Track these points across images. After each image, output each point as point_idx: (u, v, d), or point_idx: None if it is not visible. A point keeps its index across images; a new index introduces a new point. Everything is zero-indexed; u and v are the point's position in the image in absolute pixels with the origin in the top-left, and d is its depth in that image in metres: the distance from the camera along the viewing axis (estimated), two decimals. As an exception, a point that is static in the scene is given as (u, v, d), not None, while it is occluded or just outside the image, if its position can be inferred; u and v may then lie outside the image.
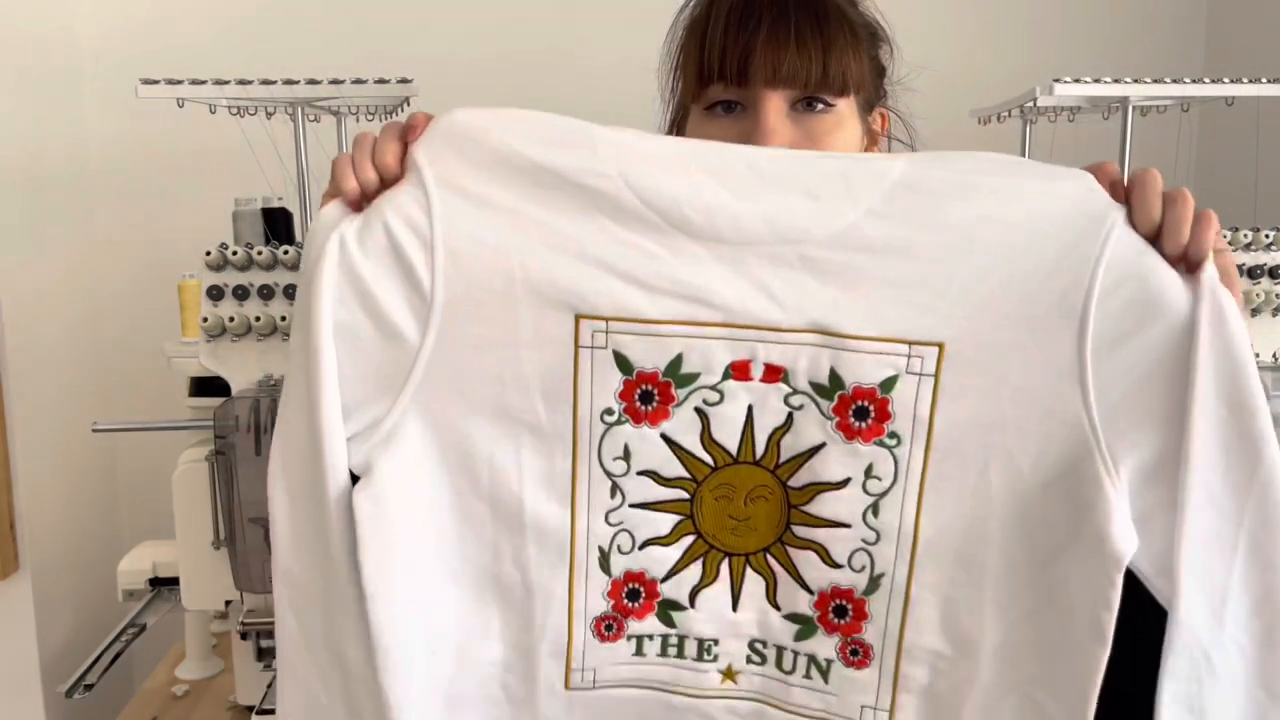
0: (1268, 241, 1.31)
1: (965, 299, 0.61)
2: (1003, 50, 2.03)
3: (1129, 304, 0.60)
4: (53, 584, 1.69)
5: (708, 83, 0.76)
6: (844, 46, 0.74)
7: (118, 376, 1.95)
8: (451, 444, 0.65)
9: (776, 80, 0.73)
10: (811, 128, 0.75)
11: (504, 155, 0.62)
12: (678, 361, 0.64)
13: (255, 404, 1.13)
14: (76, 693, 1.24)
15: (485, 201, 0.62)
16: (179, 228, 1.91)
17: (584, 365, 0.63)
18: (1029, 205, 0.61)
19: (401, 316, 0.62)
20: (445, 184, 0.62)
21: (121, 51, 1.89)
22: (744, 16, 0.74)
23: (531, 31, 1.99)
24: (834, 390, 0.64)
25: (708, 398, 0.65)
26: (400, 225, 0.62)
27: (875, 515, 0.65)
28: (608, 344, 0.63)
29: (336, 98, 1.38)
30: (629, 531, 0.67)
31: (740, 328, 0.63)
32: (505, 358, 0.63)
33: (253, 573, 1.17)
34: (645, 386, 0.64)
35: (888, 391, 0.63)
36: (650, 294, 0.62)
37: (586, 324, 0.62)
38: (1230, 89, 1.44)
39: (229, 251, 1.18)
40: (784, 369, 0.63)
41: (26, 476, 1.47)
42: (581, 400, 0.64)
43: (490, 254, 0.62)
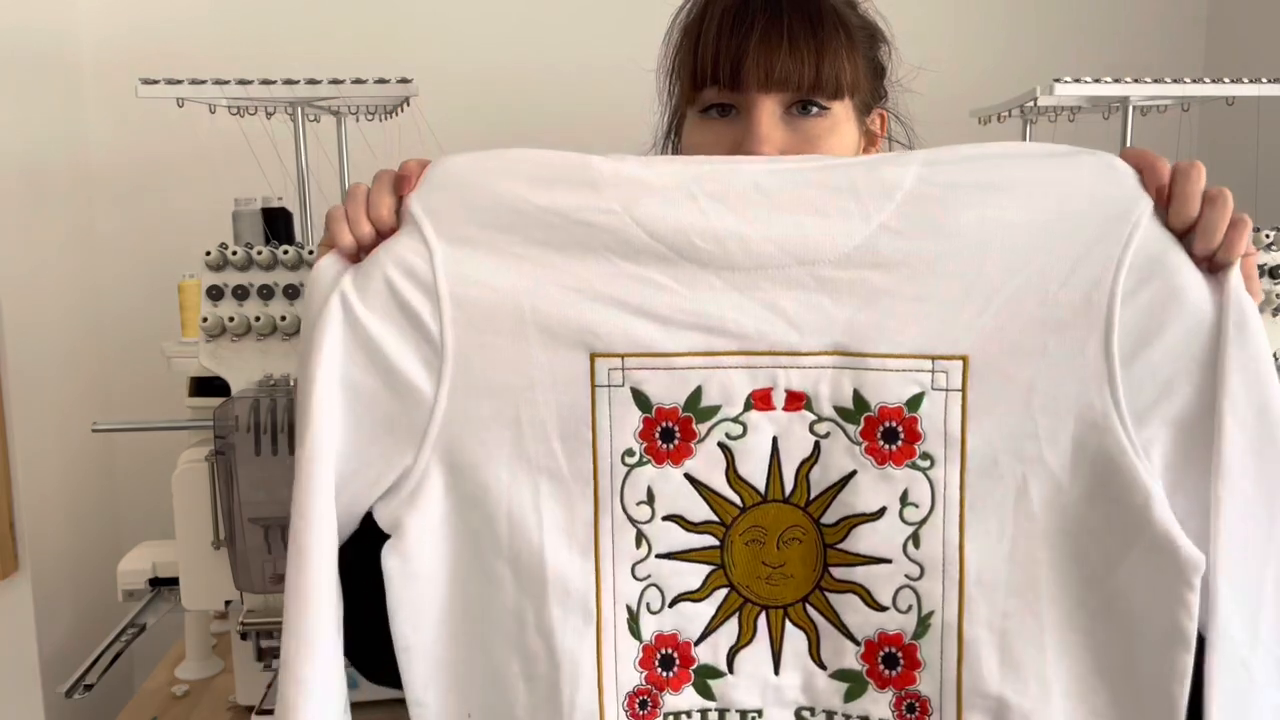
0: (1268, 241, 1.30)
1: (986, 308, 0.60)
2: (1003, 50, 2.03)
3: (1153, 304, 0.59)
4: (53, 584, 1.69)
5: (701, 86, 0.76)
6: (838, 49, 0.74)
7: (118, 376, 1.95)
8: (471, 497, 0.63)
9: (769, 84, 0.73)
10: (806, 131, 0.75)
11: (503, 200, 0.61)
12: (697, 394, 0.62)
13: (255, 404, 1.13)
14: (76, 693, 1.24)
15: (488, 246, 0.61)
16: (179, 228, 1.91)
17: (601, 405, 0.62)
18: (1047, 203, 0.60)
19: (413, 369, 0.62)
20: (445, 233, 0.62)
21: (121, 51, 1.89)
22: (737, 19, 0.74)
23: (531, 31, 1.99)
24: (859, 413, 0.62)
25: (730, 431, 0.63)
26: (402, 277, 0.61)
27: (916, 546, 0.62)
28: (624, 381, 0.62)
29: (336, 98, 1.38)
30: (658, 586, 0.64)
31: (759, 354, 0.61)
32: (520, 401, 0.62)
33: (253, 573, 1.17)
34: (666, 424, 0.63)
35: (915, 410, 0.61)
36: (665, 327, 0.61)
37: (602, 362, 0.61)
38: (1230, 89, 1.44)
39: (229, 251, 1.18)
40: (806, 395, 0.62)
41: (26, 476, 1.47)
42: (601, 442, 0.62)
43: (498, 298, 0.61)
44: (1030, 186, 0.60)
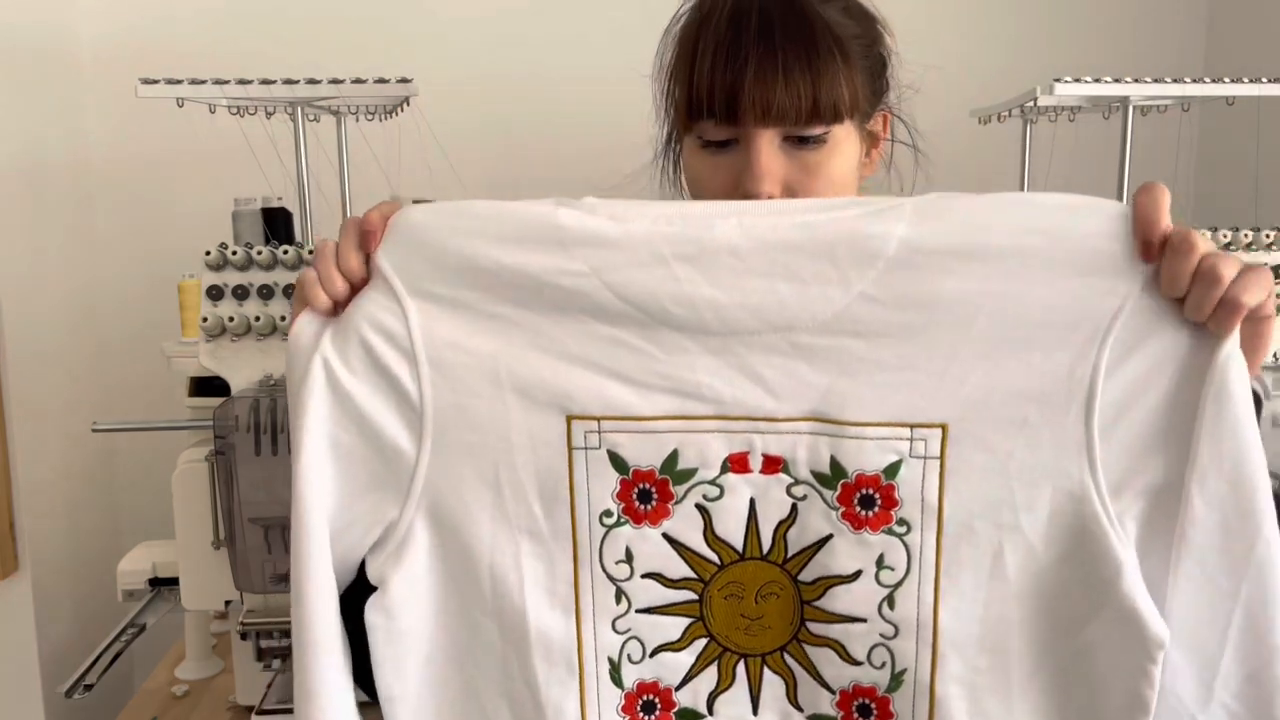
0: (1268, 241, 1.30)
1: (968, 377, 0.59)
2: (1003, 50, 2.03)
3: (1136, 378, 0.58)
4: (53, 584, 1.69)
5: (698, 118, 0.75)
6: (835, 73, 0.73)
7: (118, 376, 1.95)
8: (454, 554, 0.64)
9: (767, 118, 0.72)
10: (805, 160, 0.75)
11: (471, 259, 0.60)
12: (674, 458, 0.62)
13: (255, 404, 1.13)
14: (76, 693, 1.24)
15: (460, 305, 0.61)
16: (179, 228, 1.91)
17: (579, 467, 0.62)
18: (1034, 274, 0.58)
19: (395, 430, 0.62)
20: (416, 291, 0.61)
21: (121, 51, 1.89)
22: (731, 52, 0.72)
23: (532, 31, 1.99)
24: (836, 479, 0.62)
25: (707, 493, 0.63)
26: (379, 339, 0.61)
27: (891, 607, 0.62)
28: (601, 444, 0.62)
29: (336, 98, 1.38)
30: (638, 639, 0.65)
31: (735, 419, 0.61)
32: (500, 463, 0.62)
33: (253, 573, 1.17)
34: (643, 485, 0.63)
35: (892, 477, 0.61)
36: (640, 390, 0.61)
37: (578, 424, 0.61)
38: (1230, 89, 1.44)
39: (229, 251, 1.18)
40: (783, 459, 0.62)
41: (26, 476, 1.47)
42: (579, 503, 0.63)
43: (474, 360, 0.61)
44: (1018, 257, 0.58)
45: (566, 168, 1.98)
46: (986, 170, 1.88)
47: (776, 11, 0.73)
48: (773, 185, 0.74)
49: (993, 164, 1.83)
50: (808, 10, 0.73)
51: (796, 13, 0.73)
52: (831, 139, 0.75)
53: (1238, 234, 1.30)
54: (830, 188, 0.76)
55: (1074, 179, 1.78)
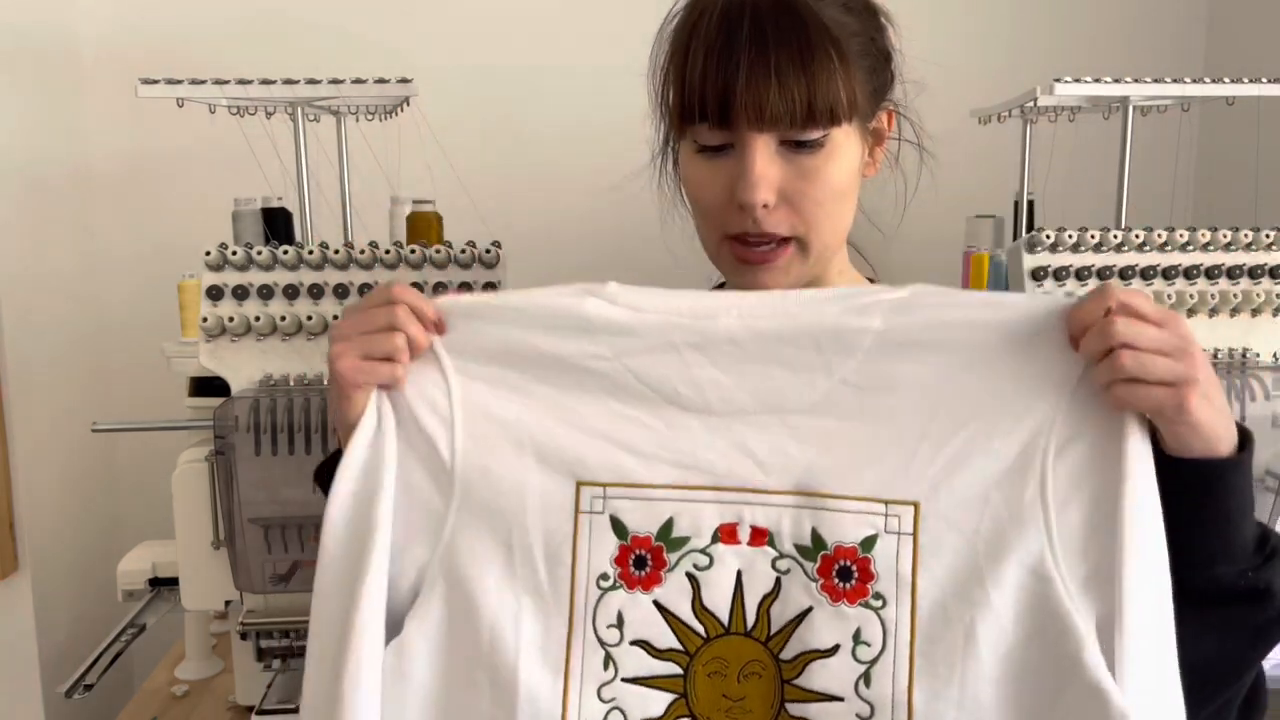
0: (1268, 241, 1.30)
1: (935, 458, 0.65)
2: (1003, 50, 2.03)
3: (1080, 460, 0.64)
4: (53, 584, 1.69)
5: (691, 122, 0.74)
6: (831, 74, 0.71)
7: (118, 376, 1.95)
8: (462, 608, 0.68)
9: (760, 123, 0.71)
10: (802, 165, 0.73)
11: (508, 344, 0.69)
12: (669, 525, 0.67)
13: (255, 404, 1.13)
14: (76, 693, 1.24)
15: (496, 381, 0.69)
16: (179, 228, 1.91)
17: (583, 530, 0.68)
18: (994, 365, 0.65)
19: (428, 488, 0.69)
20: (461, 369, 0.70)
21: (121, 51, 1.89)
22: (722, 56, 0.71)
23: (532, 30, 1.99)
24: (817, 550, 0.66)
25: (698, 562, 0.67)
26: (426, 410, 0.69)
27: (867, 685, 0.65)
28: (605, 509, 0.68)
29: (336, 98, 1.38)
30: (621, 710, 0.67)
31: (727, 490, 0.67)
32: (514, 524, 0.68)
33: (252, 573, 1.17)
34: (639, 551, 0.68)
35: (868, 550, 0.65)
36: (646, 461, 0.68)
37: (586, 490, 0.68)
38: (1230, 89, 1.44)
39: (229, 251, 1.18)
40: (769, 531, 0.67)
41: (26, 476, 1.47)
42: (579, 564, 0.68)
43: (502, 428, 0.69)
44: (976, 350, 0.66)
45: (567, 167, 1.99)
46: (986, 170, 1.88)
47: (769, 12, 0.71)
48: (768, 192, 0.73)
49: (993, 164, 1.83)
50: (802, 9, 0.71)
51: (791, 12, 0.71)
52: (830, 143, 0.73)
53: (1238, 234, 1.30)
54: (829, 193, 0.75)
55: (1074, 179, 1.79)
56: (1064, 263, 1.28)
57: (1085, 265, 1.28)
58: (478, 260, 1.21)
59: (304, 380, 1.17)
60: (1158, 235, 1.29)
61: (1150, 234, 1.29)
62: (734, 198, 0.74)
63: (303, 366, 1.17)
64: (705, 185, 0.76)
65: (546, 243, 1.97)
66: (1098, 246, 1.29)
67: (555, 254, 1.97)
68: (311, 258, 1.18)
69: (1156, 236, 1.29)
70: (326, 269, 1.19)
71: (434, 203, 1.48)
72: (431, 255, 1.20)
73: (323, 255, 1.19)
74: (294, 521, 1.15)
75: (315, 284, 1.18)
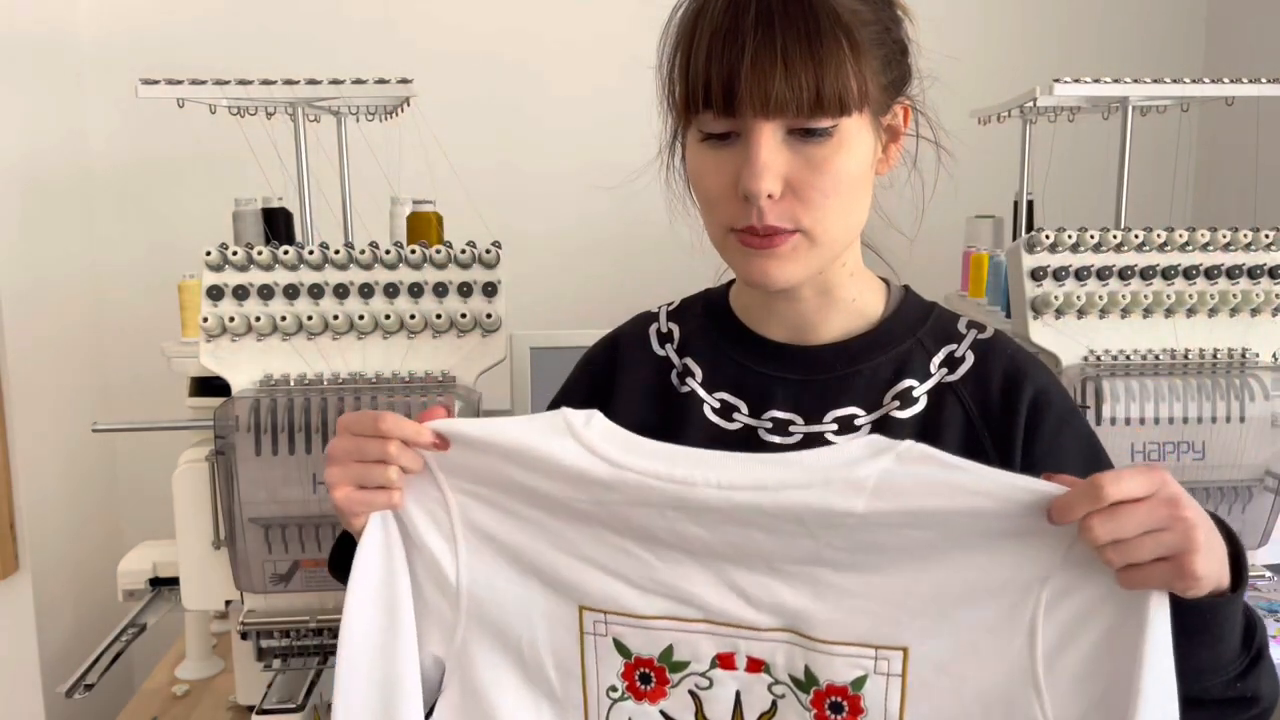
0: (1268, 241, 1.30)
1: (924, 611, 0.66)
2: (1003, 50, 2.03)
3: (1071, 619, 0.64)
4: (53, 584, 1.69)
5: (696, 111, 0.72)
6: (841, 62, 0.69)
7: (118, 376, 1.95)
8: (480, 713, 0.73)
9: (766, 110, 0.69)
10: (810, 155, 0.71)
11: (504, 476, 0.70)
12: (669, 651, 0.70)
13: (255, 404, 1.13)
14: (76, 693, 1.24)
15: (494, 503, 0.71)
16: (179, 228, 1.91)
17: (589, 649, 0.71)
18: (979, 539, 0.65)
19: (437, 598, 0.73)
20: (457, 487, 0.72)
21: (121, 51, 1.89)
22: (727, 40, 0.69)
23: (531, 29, 1.99)
24: (809, 685, 0.69)
25: (699, 683, 0.71)
26: (428, 526, 0.72)
27: None
28: (608, 632, 0.71)
29: (336, 98, 1.38)
30: None
31: (721, 624, 0.69)
32: (523, 637, 0.72)
33: (252, 573, 1.17)
34: (643, 670, 0.71)
35: (858, 690, 0.67)
36: (641, 593, 0.70)
37: (589, 615, 0.71)
38: (1230, 89, 1.44)
39: (229, 251, 1.18)
40: (764, 661, 0.69)
41: (26, 476, 1.47)
42: (589, 677, 0.72)
43: (504, 548, 0.72)
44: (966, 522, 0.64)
45: (567, 167, 1.99)
46: (986, 170, 1.88)
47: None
48: (772, 182, 0.71)
49: (993, 164, 1.83)
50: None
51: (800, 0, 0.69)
52: (839, 133, 0.71)
53: (1237, 234, 1.30)
54: (837, 185, 0.72)
55: (1074, 179, 1.79)
56: (1064, 263, 1.28)
57: (1085, 265, 1.28)
58: (478, 260, 1.21)
59: (304, 380, 1.17)
60: (1157, 235, 1.29)
61: (1150, 234, 1.29)
62: (738, 188, 0.72)
63: (303, 366, 1.17)
64: (709, 175, 0.75)
65: (546, 243, 1.97)
66: (1097, 246, 1.29)
67: (555, 254, 1.98)
68: (312, 258, 1.18)
69: (1156, 236, 1.29)
70: (327, 269, 1.19)
71: (434, 203, 1.48)
72: (431, 255, 1.20)
73: (323, 255, 1.19)
74: (294, 521, 1.15)
75: (315, 284, 1.18)
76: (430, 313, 1.18)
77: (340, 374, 1.18)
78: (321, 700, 1.28)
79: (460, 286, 1.20)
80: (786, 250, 0.74)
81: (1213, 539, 0.63)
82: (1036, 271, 1.28)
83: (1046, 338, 1.27)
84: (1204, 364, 1.29)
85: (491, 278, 1.21)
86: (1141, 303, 1.28)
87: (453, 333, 1.19)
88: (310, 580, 1.18)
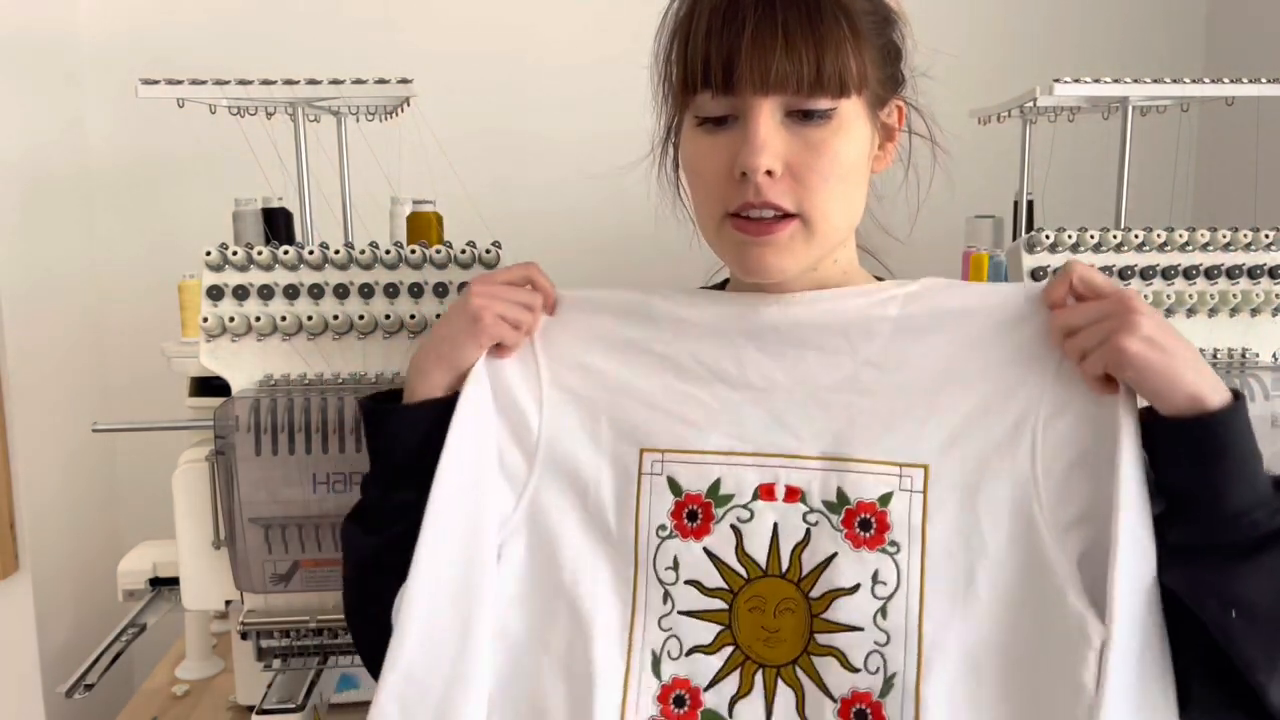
0: (1267, 241, 1.30)
1: (942, 428, 0.76)
2: (1003, 50, 2.03)
3: (1066, 430, 0.74)
4: (53, 584, 1.69)
5: (693, 91, 0.72)
6: (841, 41, 0.69)
7: (118, 376, 1.95)
8: (546, 552, 0.81)
9: (765, 86, 0.69)
10: (809, 137, 0.71)
11: (594, 330, 0.83)
12: (716, 485, 0.78)
13: (255, 404, 1.13)
14: (76, 693, 1.24)
15: (579, 363, 0.83)
16: (179, 228, 1.91)
17: (644, 488, 0.79)
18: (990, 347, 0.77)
19: (514, 451, 0.83)
20: (550, 354, 0.84)
21: (121, 51, 1.89)
22: (727, 17, 0.69)
23: (532, 28, 1.99)
24: (841, 506, 0.76)
25: (740, 515, 0.78)
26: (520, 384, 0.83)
27: (884, 617, 0.75)
28: (663, 471, 0.79)
29: (336, 98, 1.38)
30: (677, 637, 0.78)
31: (766, 456, 0.78)
32: (588, 482, 0.81)
33: (252, 573, 1.17)
34: (691, 506, 0.79)
35: (885, 505, 0.75)
36: (699, 431, 0.79)
37: (649, 455, 0.79)
38: (1230, 89, 1.44)
39: (229, 251, 1.18)
40: (801, 490, 0.77)
41: (26, 476, 1.47)
42: (642, 517, 0.80)
43: (582, 403, 0.82)
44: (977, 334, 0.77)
45: (567, 168, 1.99)
46: (986, 170, 1.88)
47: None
48: (772, 159, 0.70)
49: (993, 164, 1.83)
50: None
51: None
52: (838, 116, 0.71)
53: (1237, 234, 1.30)
54: (836, 168, 0.72)
55: (1074, 179, 1.79)
56: (1064, 263, 1.28)
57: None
58: (478, 260, 1.21)
59: (304, 380, 1.17)
60: (1157, 235, 1.29)
61: (1150, 234, 1.29)
62: (734, 170, 0.72)
63: (303, 366, 1.17)
64: (705, 158, 0.74)
65: (546, 243, 1.97)
66: (1097, 246, 1.29)
67: (555, 254, 1.97)
68: (312, 258, 1.18)
69: (1156, 236, 1.29)
70: (327, 269, 1.19)
71: (434, 203, 1.48)
72: (431, 255, 1.20)
73: (323, 255, 1.19)
74: (294, 521, 1.15)
75: (315, 284, 1.18)
76: (431, 313, 1.18)
77: (340, 374, 1.18)
78: (322, 700, 1.28)
79: (460, 287, 1.20)
80: (784, 239, 0.74)
81: (1164, 339, 0.68)
82: (1037, 272, 1.28)
83: (1046, 338, 1.27)
84: (1204, 364, 1.28)
85: (491, 278, 1.21)
86: (1141, 303, 1.28)
87: (453, 333, 1.19)
88: (310, 580, 1.18)
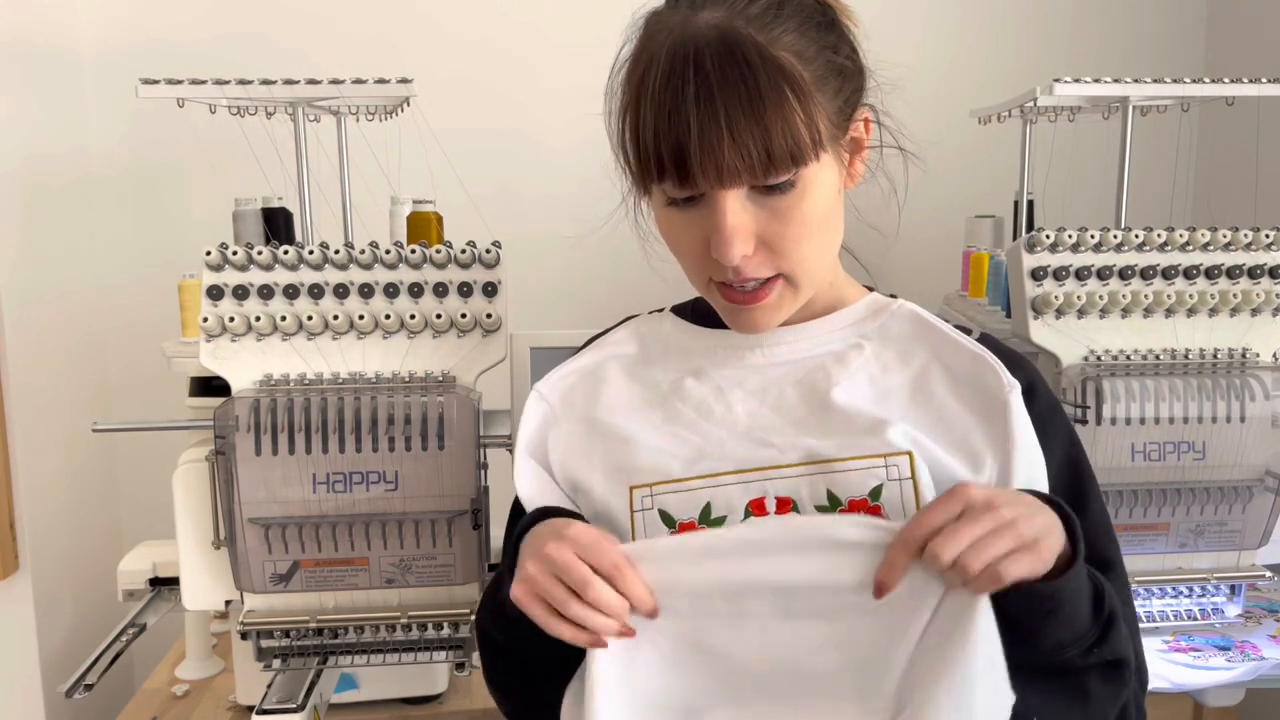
0: (1268, 241, 1.30)
1: (913, 428, 0.77)
2: (1003, 50, 2.03)
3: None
4: (53, 584, 1.69)
5: (654, 180, 0.72)
6: (788, 115, 0.67)
7: (118, 376, 1.95)
8: None
9: (721, 180, 0.68)
10: (775, 206, 0.71)
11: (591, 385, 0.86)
12: (707, 509, 0.76)
13: (255, 404, 1.13)
14: (76, 693, 1.24)
15: (580, 420, 0.85)
16: (179, 228, 1.91)
17: (639, 526, 0.78)
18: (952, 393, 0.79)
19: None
20: (552, 409, 0.87)
21: (121, 51, 1.89)
22: (672, 117, 0.68)
23: (532, 27, 1.99)
24: (834, 508, 0.74)
25: None
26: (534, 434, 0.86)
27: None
28: (653, 505, 0.78)
29: (336, 98, 1.38)
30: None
31: (749, 472, 0.77)
32: (597, 516, 0.81)
33: (252, 573, 1.17)
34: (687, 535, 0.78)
35: (877, 499, 0.74)
36: (683, 463, 0.78)
37: (638, 492, 0.78)
38: (1230, 89, 1.44)
39: (229, 251, 1.18)
40: (792, 499, 0.75)
41: (26, 476, 1.47)
42: None
43: (577, 453, 0.83)
44: (956, 349, 0.81)
45: (567, 168, 1.99)
46: (986, 170, 1.88)
47: (715, 59, 0.67)
48: (743, 244, 0.71)
49: (993, 164, 1.83)
50: (749, 51, 0.67)
51: (736, 60, 0.67)
52: (801, 181, 0.71)
53: (1237, 234, 1.30)
54: (807, 229, 0.73)
55: (1074, 179, 1.79)
56: (1064, 262, 1.28)
57: (1085, 265, 1.28)
58: (478, 260, 1.21)
59: (304, 380, 1.17)
60: (1157, 235, 1.29)
61: (1150, 234, 1.29)
62: (709, 255, 0.73)
63: (303, 366, 1.17)
64: (681, 237, 0.75)
65: (546, 243, 1.97)
66: (1097, 246, 1.29)
67: (555, 254, 1.98)
68: (312, 258, 1.18)
69: (1156, 236, 1.29)
70: (327, 269, 1.19)
71: (434, 203, 1.48)
72: (431, 255, 1.20)
73: (323, 255, 1.19)
74: (294, 521, 1.15)
75: (316, 284, 1.18)
76: (430, 313, 1.18)
77: (340, 374, 1.18)
78: (322, 700, 1.28)
79: (460, 286, 1.20)
80: (773, 300, 0.77)
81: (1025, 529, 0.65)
82: (1036, 271, 1.28)
83: (1047, 338, 1.27)
84: (1204, 364, 1.29)
85: (491, 278, 1.21)
86: (1141, 303, 1.28)
87: (453, 333, 1.19)
88: (310, 580, 1.18)
